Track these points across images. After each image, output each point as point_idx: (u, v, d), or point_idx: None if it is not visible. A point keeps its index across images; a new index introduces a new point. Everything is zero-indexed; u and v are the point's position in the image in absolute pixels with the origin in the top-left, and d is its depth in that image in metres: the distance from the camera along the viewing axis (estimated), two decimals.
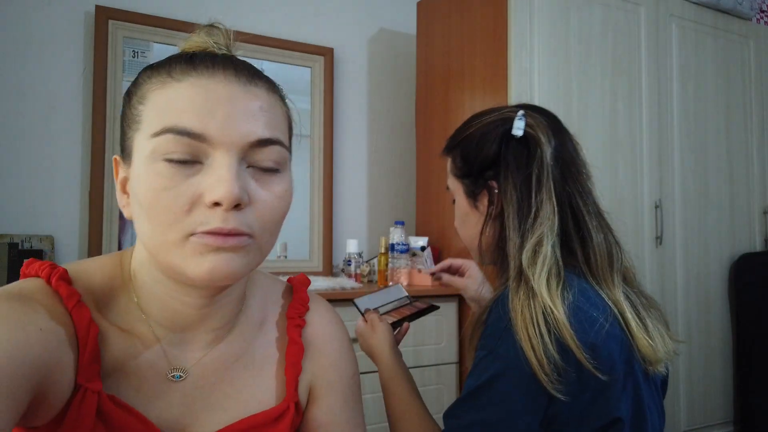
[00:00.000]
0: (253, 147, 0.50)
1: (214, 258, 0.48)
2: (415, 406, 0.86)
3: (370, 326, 0.98)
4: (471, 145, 0.87)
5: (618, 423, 0.71)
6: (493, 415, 0.70)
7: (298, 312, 0.67)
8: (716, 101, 2.22)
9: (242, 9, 2.15)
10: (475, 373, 0.73)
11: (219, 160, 0.48)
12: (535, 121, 0.83)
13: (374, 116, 2.41)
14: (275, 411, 0.60)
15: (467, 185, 0.88)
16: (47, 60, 1.84)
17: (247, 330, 0.62)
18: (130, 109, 0.52)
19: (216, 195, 0.47)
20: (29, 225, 1.78)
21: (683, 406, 2.06)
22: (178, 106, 0.48)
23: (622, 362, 0.73)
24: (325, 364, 0.68)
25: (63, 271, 0.53)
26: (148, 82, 0.52)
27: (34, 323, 0.47)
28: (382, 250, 1.99)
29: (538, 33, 1.81)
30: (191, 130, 0.47)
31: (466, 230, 0.91)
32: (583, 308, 0.72)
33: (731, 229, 2.24)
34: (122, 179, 0.54)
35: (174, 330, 0.56)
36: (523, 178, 0.79)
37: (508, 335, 0.70)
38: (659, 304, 0.85)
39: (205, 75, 0.50)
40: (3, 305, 0.47)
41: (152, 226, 0.49)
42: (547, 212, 0.77)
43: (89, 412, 0.50)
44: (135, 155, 0.50)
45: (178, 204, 0.47)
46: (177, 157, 0.48)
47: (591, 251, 0.79)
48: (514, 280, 0.75)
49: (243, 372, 0.60)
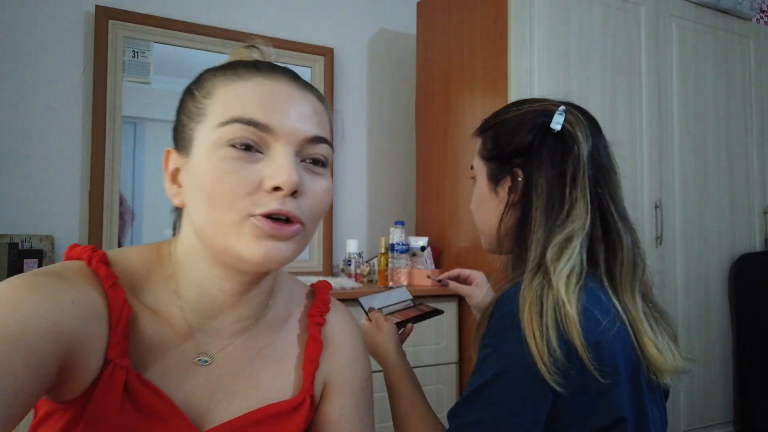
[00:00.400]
0: (307, 142, 0.55)
1: (269, 244, 0.53)
2: (420, 406, 0.86)
3: (375, 325, 0.98)
4: (506, 129, 0.85)
5: (621, 423, 0.71)
6: (497, 413, 0.70)
7: (320, 311, 0.71)
8: (716, 101, 2.22)
9: (242, 9, 2.15)
10: (479, 371, 0.73)
11: (280, 150, 0.53)
12: (575, 118, 0.82)
13: (374, 116, 2.41)
14: (292, 402, 0.63)
15: (492, 168, 0.86)
16: (47, 60, 1.84)
17: (271, 324, 0.66)
18: (193, 103, 0.57)
19: (278, 180, 0.51)
20: (29, 225, 1.78)
21: (683, 406, 2.06)
22: (245, 100, 0.54)
23: (625, 365, 0.72)
24: (341, 364, 0.70)
25: (103, 254, 0.57)
26: (212, 79, 0.56)
27: (67, 296, 0.50)
28: (382, 250, 1.99)
29: (538, 33, 1.81)
30: (258, 120, 0.53)
31: (482, 214, 0.89)
32: (592, 310, 0.72)
33: (731, 229, 2.24)
34: (173, 170, 0.59)
35: (205, 316, 0.60)
36: (556, 173, 0.78)
37: (512, 332, 0.70)
38: (672, 320, 0.84)
39: (268, 77, 0.56)
40: (40, 279, 0.50)
41: (212, 207, 0.52)
42: (579, 210, 0.76)
43: (117, 387, 0.52)
44: (196, 144, 0.55)
45: (240, 186, 0.51)
46: (244, 141, 0.52)
47: (616, 257, 0.78)
48: (530, 272, 0.74)
49: (264, 363, 0.64)
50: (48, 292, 0.49)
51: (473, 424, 0.71)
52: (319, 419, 0.68)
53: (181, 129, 0.58)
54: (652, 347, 0.75)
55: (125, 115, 1.91)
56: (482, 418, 0.70)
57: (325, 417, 0.68)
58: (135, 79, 1.94)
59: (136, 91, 1.93)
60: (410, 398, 0.87)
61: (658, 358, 0.74)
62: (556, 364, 0.67)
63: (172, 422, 0.55)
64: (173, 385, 0.57)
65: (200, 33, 2.02)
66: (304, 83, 0.59)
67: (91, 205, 1.83)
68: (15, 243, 1.57)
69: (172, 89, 2.01)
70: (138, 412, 0.54)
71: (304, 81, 0.59)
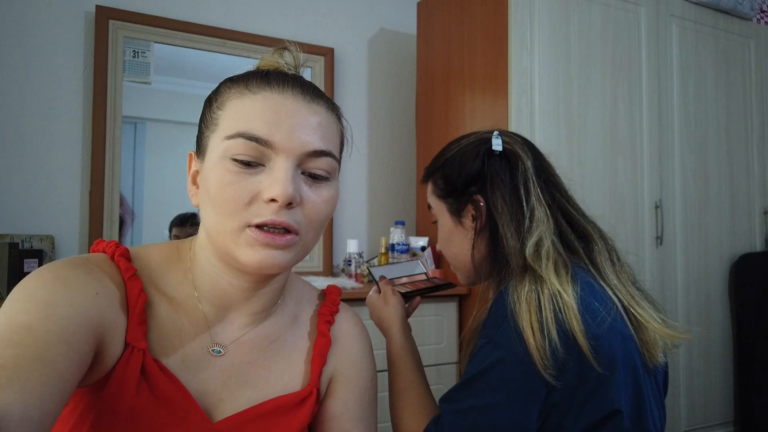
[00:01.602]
0: (309, 156, 0.58)
1: (264, 252, 0.56)
2: (417, 385, 0.87)
3: (382, 297, 0.99)
4: (453, 165, 0.90)
5: (617, 414, 0.72)
6: (491, 401, 0.71)
7: (330, 310, 0.74)
8: (716, 101, 2.22)
9: (242, 9, 2.15)
10: (475, 361, 0.75)
11: (279, 164, 0.56)
12: (510, 138, 0.89)
13: (374, 116, 2.41)
14: (300, 395, 0.66)
15: (451, 203, 0.91)
16: (48, 60, 1.84)
17: (282, 320, 0.69)
18: (210, 113, 0.60)
19: (273, 193, 0.55)
20: (29, 225, 1.78)
21: (683, 406, 2.06)
22: (251, 115, 0.57)
23: (622, 355, 0.74)
24: (347, 361, 0.73)
25: (125, 249, 0.62)
26: (228, 91, 0.60)
27: (92, 288, 0.54)
28: (383, 250, 1.99)
29: (539, 33, 1.81)
30: (259, 137, 0.56)
31: (452, 249, 0.93)
32: (588, 299, 0.74)
33: (731, 229, 2.24)
34: (193, 172, 0.62)
35: (219, 308, 0.63)
36: (510, 189, 0.85)
37: (509, 324, 0.72)
38: (659, 305, 0.87)
39: (276, 90, 0.58)
40: (67, 271, 0.54)
41: (216, 214, 0.56)
42: (540, 215, 0.82)
43: (135, 369, 0.55)
44: (209, 153, 0.59)
45: (240, 197, 0.55)
46: (244, 158, 0.56)
47: (591, 247, 0.84)
48: (517, 275, 0.77)
49: (274, 356, 0.67)
50: (78, 284, 0.53)
51: (467, 410, 0.73)
52: (322, 413, 0.70)
53: (200, 135, 0.62)
54: (649, 318, 0.78)
55: (125, 115, 1.91)
56: (476, 405, 0.72)
57: (327, 411, 0.70)
58: (135, 79, 1.94)
59: (136, 91, 1.93)
60: (408, 376, 0.88)
61: (657, 327, 0.78)
62: (555, 356, 0.69)
63: (184, 410, 0.58)
64: (189, 374, 0.60)
65: (200, 33, 2.02)
66: (313, 94, 0.61)
67: (92, 205, 1.83)
68: (15, 243, 1.57)
69: (172, 89, 2.01)
70: (153, 397, 0.56)
71: (315, 91, 0.61)
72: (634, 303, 0.79)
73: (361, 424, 0.71)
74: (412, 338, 0.95)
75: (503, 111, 1.78)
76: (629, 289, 0.82)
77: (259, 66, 0.65)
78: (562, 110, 1.84)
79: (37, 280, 0.52)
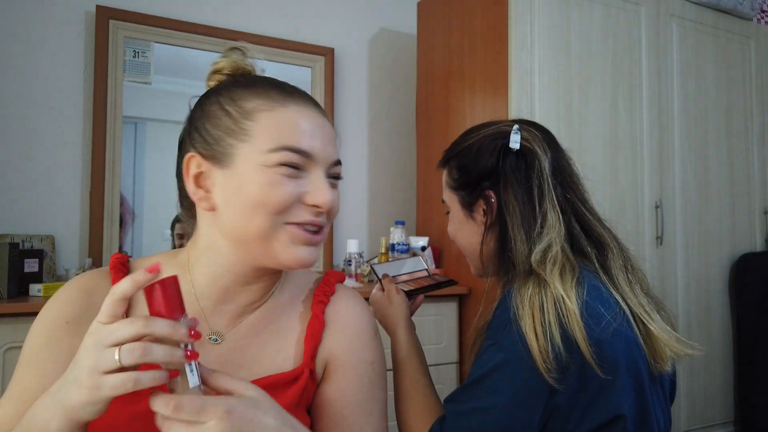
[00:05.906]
0: (333, 165, 0.67)
1: (304, 249, 0.63)
2: (423, 386, 0.87)
3: (386, 296, 0.99)
4: (468, 157, 0.89)
5: (620, 420, 0.71)
6: (494, 403, 0.71)
7: (324, 291, 0.75)
8: (717, 101, 2.22)
9: (242, 9, 2.15)
10: (480, 362, 0.75)
11: (317, 173, 0.64)
12: (530, 134, 0.86)
13: (374, 116, 2.41)
14: (291, 374, 0.67)
15: (463, 196, 0.90)
16: (47, 60, 1.84)
17: (277, 305, 0.72)
18: (231, 120, 0.63)
19: (318, 200, 0.62)
20: (29, 225, 1.78)
21: (683, 406, 2.06)
22: (292, 129, 0.63)
23: (625, 360, 0.73)
24: (343, 344, 0.72)
25: (125, 258, 0.70)
26: (247, 98, 0.64)
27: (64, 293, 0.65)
28: (383, 250, 1.99)
29: (539, 33, 1.81)
30: (304, 150, 0.62)
31: (462, 238, 0.93)
32: (593, 305, 0.73)
33: (731, 229, 2.24)
34: (196, 174, 0.64)
35: (216, 302, 0.68)
36: (524, 190, 0.82)
37: (513, 327, 0.71)
38: (670, 311, 0.86)
39: (300, 104, 0.65)
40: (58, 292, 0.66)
41: (255, 215, 0.61)
42: (552, 221, 0.80)
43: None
44: (240, 161, 0.62)
45: (287, 199, 0.61)
46: (293, 165, 0.62)
47: (605, 252, 0.82)
48: (522, 278, 0.77)
49: (268, 339, 0.69)
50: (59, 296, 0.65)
51: (470, 411, 0.72)
52: (318, 397, 0.70)
53: (213, 141, 0.64)
54: (656, 328, 0.77)
55: (126, 115, 1.91)
56: (479, 407, 0.72)
57: (322, 396, 0.70)
58: (135, 79, 1.94)
59: (136, 91, 1.94)
60: (414, 377, 0.88)
61: (663, 338, 0.76)
62: (558, 359, 0.68)
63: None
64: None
65: (200, 33, 2.02)
66: (319, 105, 0.68)
67: (92, 205, 1.83)
68: (15, 243, 1.56)
69: (172, 89, 2.01)
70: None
71: (317, 102, 0.69)
72: (644, 314, 0.78)
73: (358, 410, 0.69)
74: (417, 337, 0.95)
75: (503, 111, 1.78)
76: (641, 299, 0.80)
77: (228, 69, 0.70)
78: (562, 110, 1.84)
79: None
